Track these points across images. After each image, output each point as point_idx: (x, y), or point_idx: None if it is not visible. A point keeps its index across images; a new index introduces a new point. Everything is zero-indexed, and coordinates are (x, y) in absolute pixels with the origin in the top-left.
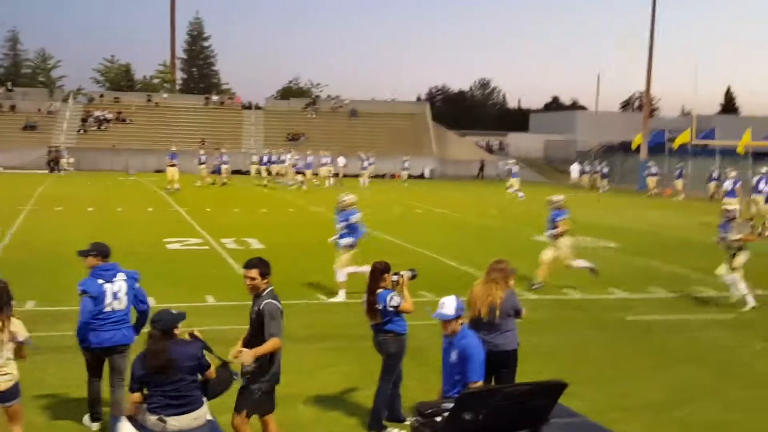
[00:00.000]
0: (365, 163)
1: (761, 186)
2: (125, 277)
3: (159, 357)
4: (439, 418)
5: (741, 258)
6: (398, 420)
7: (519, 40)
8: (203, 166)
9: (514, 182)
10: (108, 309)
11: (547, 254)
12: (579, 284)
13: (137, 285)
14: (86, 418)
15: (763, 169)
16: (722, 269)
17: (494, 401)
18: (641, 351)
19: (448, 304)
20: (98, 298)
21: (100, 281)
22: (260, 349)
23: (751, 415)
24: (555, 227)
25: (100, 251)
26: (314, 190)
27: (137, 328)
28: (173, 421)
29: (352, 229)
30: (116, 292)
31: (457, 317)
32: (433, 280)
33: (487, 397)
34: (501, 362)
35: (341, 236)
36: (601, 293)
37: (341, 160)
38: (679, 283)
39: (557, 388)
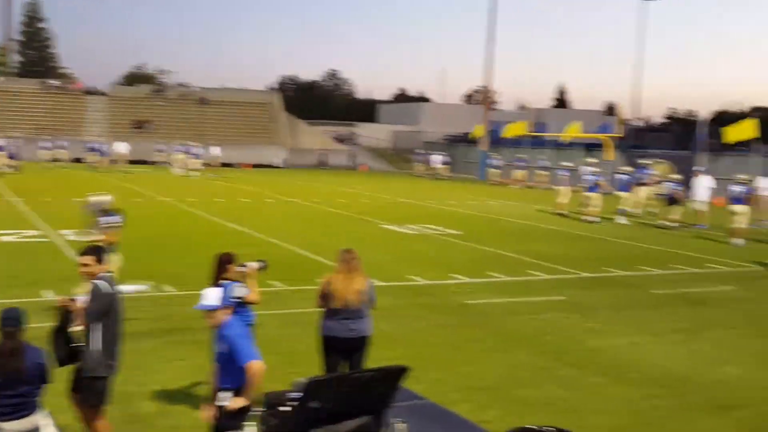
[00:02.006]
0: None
1: (587, 177)
2: None
3: (15, 358)
4: (286, 408)
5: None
6: None
7: (367, 31)
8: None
9: (180, 159)
10: None
11: None
12: (423, 271)
13: None
14: None
15: (590, 161)
16: None
17: (341, 389)
18: (481, 334)
19: (210, 295)
20: None
21: None
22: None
23: (580, 393)
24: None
25: None
26: (165, 180)
27: None
28: (10, 426)
29: None
30: None
31: (223, 307)
32: (284, 270)
33: (334, 384)
34: (358, 347)
35: None
36: (444, 279)
37: (215, 150)
38: (516, 268)
39: (400, 372)
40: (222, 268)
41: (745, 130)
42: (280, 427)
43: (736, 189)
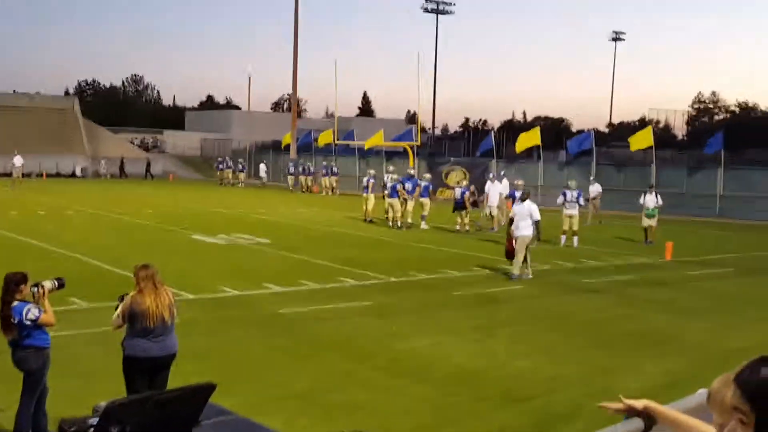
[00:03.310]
0: None
1: (390, 184)
2: None
3: None
4: None
5: None
6: None
7: (171, 36)
8: None
9: None
10: None
11: None
12: (234, 282)
13: None
14: None
15: (390, 168)
16: None
17: (143, 411)
18: (292, 342)
19: None
20: None
21: None
22: None
23: (385, 395)
24: None
25: None
26: None
27: None
28: None
29: None
30: None
31: None
32: (86, 286)
33: (136, 407)
34: (167, 365)
35: None
36: (256, 289)
37: (18, 160)
38: (326, 275)
39: (207, 390)
40: (12, 289)
41: (531, 139)
42: None
43: (518, 194)
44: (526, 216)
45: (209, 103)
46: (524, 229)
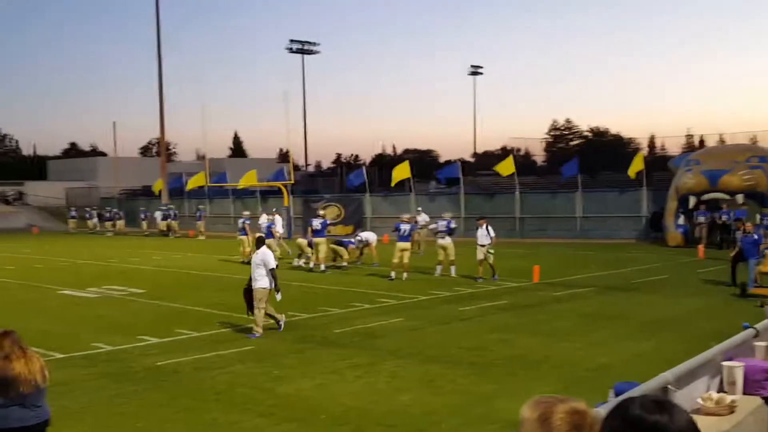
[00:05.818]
0: None
1: (264, 224)
2: None
3: None
4: None
5: None
6: None
7: (27, 84)
8: None
9: None
10: None
11: None
12: (108, 337)
13: None
14: None
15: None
16: None
17: None
18: (172, 395)
19: None
20: None
21: None
22: None
23: None
24: None
25: None
26: None
27: None
28: None
29: None
30: None
31: None
32: None
33: None
34: None
35: None
36: (132, 342)
37: None
38: (204, 322)
39: None
40: None
41: (402, 172)
42: None
43: (403, 227)
44: (260, 265)
45: (73, 151)
46: (260, 280)
